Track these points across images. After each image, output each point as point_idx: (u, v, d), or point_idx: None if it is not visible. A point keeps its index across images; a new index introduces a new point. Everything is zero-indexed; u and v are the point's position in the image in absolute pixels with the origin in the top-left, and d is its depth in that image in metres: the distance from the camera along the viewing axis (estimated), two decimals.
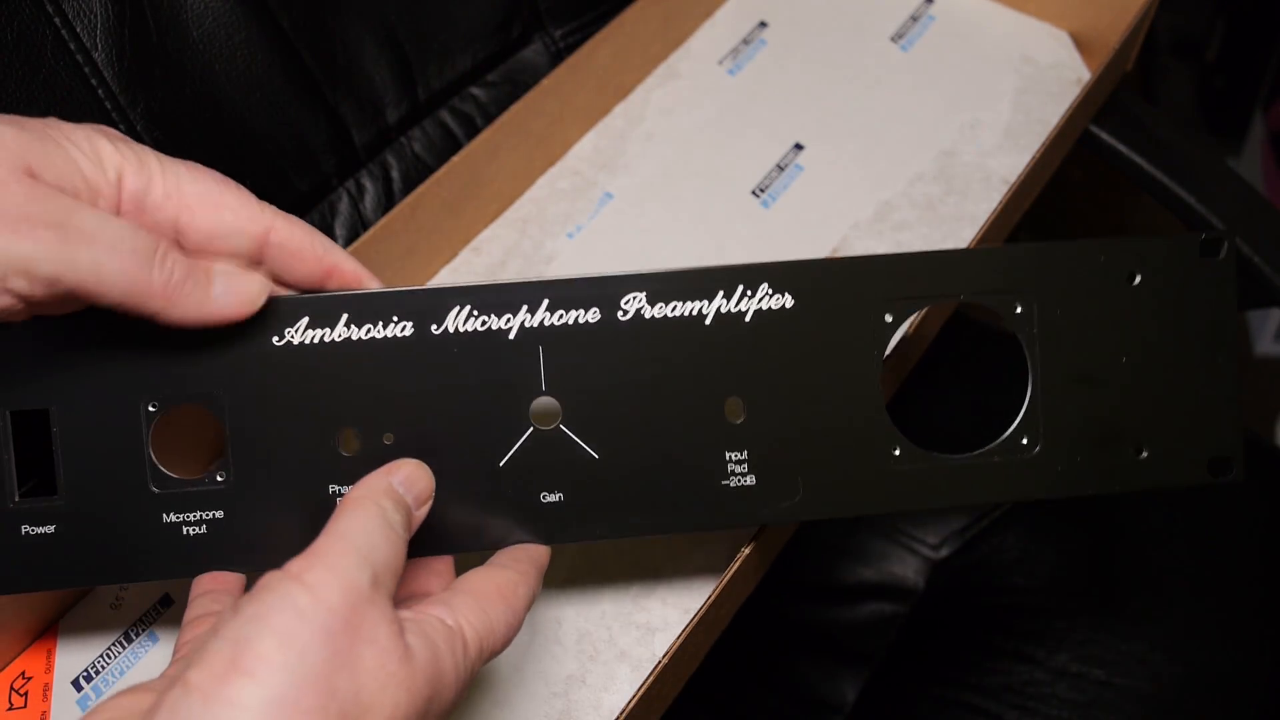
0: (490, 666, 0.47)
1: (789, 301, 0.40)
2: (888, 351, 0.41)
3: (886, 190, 0.62)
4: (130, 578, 0.39)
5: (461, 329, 0.39)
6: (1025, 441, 0.42)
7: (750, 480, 0.40)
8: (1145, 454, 0.42)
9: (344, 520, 0.33)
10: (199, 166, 0.36)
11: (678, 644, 0.45)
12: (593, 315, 0.40)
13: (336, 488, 0.39)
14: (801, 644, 0.72)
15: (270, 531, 0.39)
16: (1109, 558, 0.69)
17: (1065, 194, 1.42)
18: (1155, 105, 1.43)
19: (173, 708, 0.28)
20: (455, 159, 0.56)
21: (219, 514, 0.39)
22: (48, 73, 0.51)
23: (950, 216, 0.61)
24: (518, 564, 0.38)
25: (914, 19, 0.71)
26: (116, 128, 0.52)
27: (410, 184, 0.63)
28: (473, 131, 0.65)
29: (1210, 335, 0.43)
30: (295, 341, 0.38)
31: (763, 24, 0.71)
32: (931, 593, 0.72)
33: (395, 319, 0.39)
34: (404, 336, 0.39)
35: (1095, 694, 0.64)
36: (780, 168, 0.63)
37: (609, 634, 0.48)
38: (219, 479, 0.38)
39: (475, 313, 0.39)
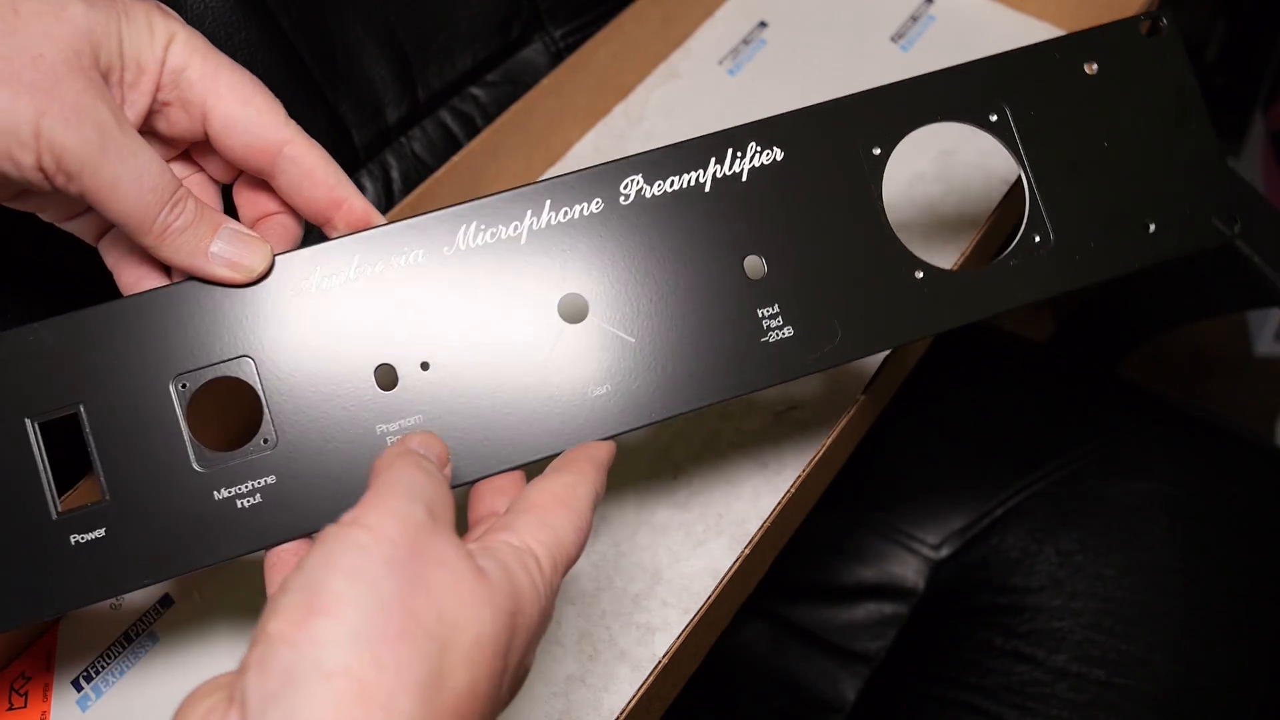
0: None
1: (779, 154, 0.41)
2: (884, 187, 0.42)
3: (886, 190, 0.62)
4: (192, 565, 0.37)
5: (473, 244, 0.39)
6: (1038, 239, 0.43)
7: (788, 331, 0.40)
8: (1153, 227, 0.44)
9: (383, 474, 0.33)
10: (241, 67, 0.37)
11: (678, 644, 0.45)
12: (596, 206, 0.40)
13: (384, 426, 0.38)
14: (801, 644, 0.72)
15: (326, 484, 0.38)
16: (1109, 558, 0.69)
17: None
18: None
19: (261, 661, 0.27)
20: (455, 159, 0.56)
21: (271, 479, 0.38)
22: None
23: (950, 216, 0.61)
24: (574, 464, 0.37)
25: (914, 19, 0.71)
26: None
27: (410, 184, 0.63)
28: (473, 131, 0.65)
29: (1177, 105, 0.45)
30: (313, 289, 0.38)
31: (763, 24, 0.71)
32: (931, 593, 0.72)
33: (406, 249, 0.39)
34: (417, 264, 0.39)
35: (1095, 694, 0.64)
36: None
37: (609, 634, 0.48)
38: (264, 443, 0.38)
39: (482, 227, 0.39)
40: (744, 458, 0.53)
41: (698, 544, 0.50)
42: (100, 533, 0.36)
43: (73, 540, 0.36)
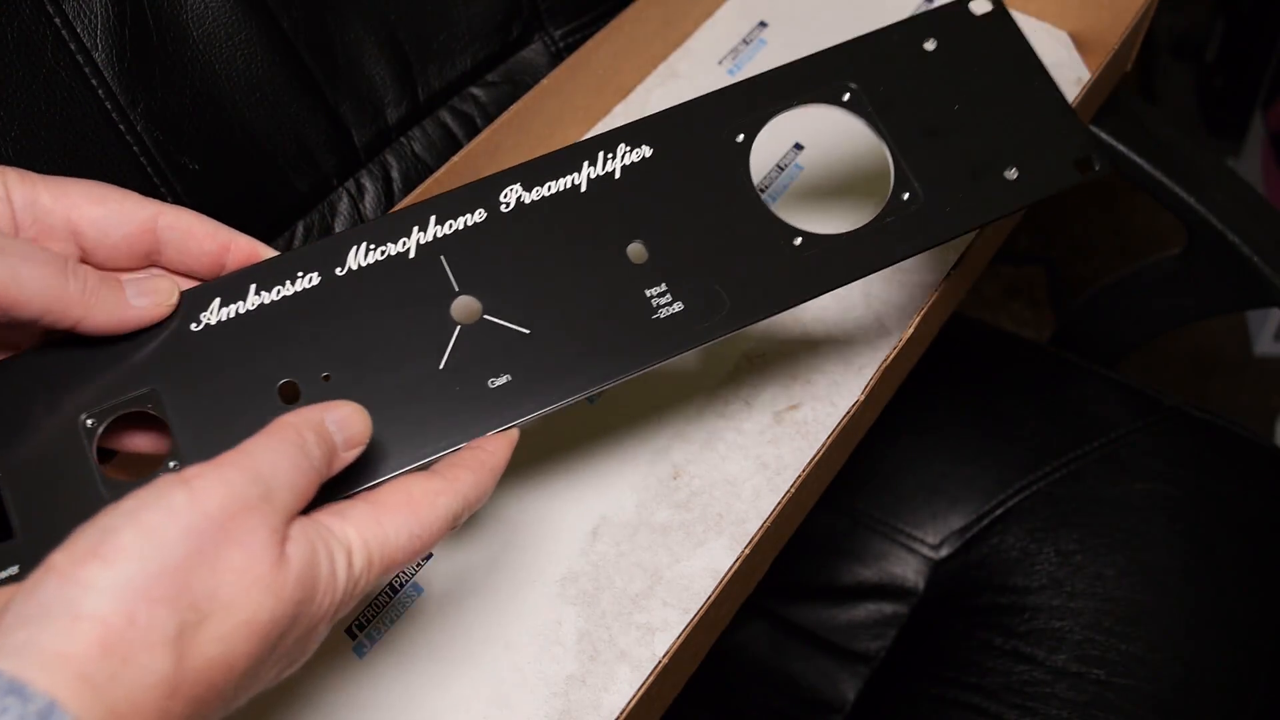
0: (490, 666, 0.47)
1: (648, 151, 0.44)
2: (753, 171, 0.45)
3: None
4: None
5: (364, 263, 0.41)
6: (907, 197, 0.46)
7: (678, 306, 0.42)
8: (1015, 173, 0.47)
9: (256, 440, 0.33)
10: (80, 179, 0.38)
11: (678, 644, 0.45)
12: (479, 215, 0.42)
13: None
14: (801, 644, 0.72)
15: None
16: (1109, 558, 0.69)
17: (1065, 194, 1.42)
18: (1155, 105, 1.43)
19: (32, 587, 0.28)
20: (455, 159, 0.56)
21: None
22: (48, 72, 0.51)
23: None
24: (452, 469, 0.38)
25: None
26: (116, 128, 0.52)
27: (410, 184, 0.63)
28: (473, 131, 0.65)
29: (1018, 67, 0.49)
30: (213, 322, 0.39)
31: (762, 24, 0.71)
32: (931, 593, 0.72)
33: (300, 274, 0.40)
34: (314, 286, 0.40)
35: (1095, 694, 0.64)
36: (780, 167, 0.63)
37: (609, 634, 0.48)
38: (170, 466, 0.38)
39: (371, 246, 0.41)
40: (744, 458, 0.53)
41: (698, 544, 0.50)
42: (14, 570, 0.36)
43: None
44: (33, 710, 0.26)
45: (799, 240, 0.44)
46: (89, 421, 0.38)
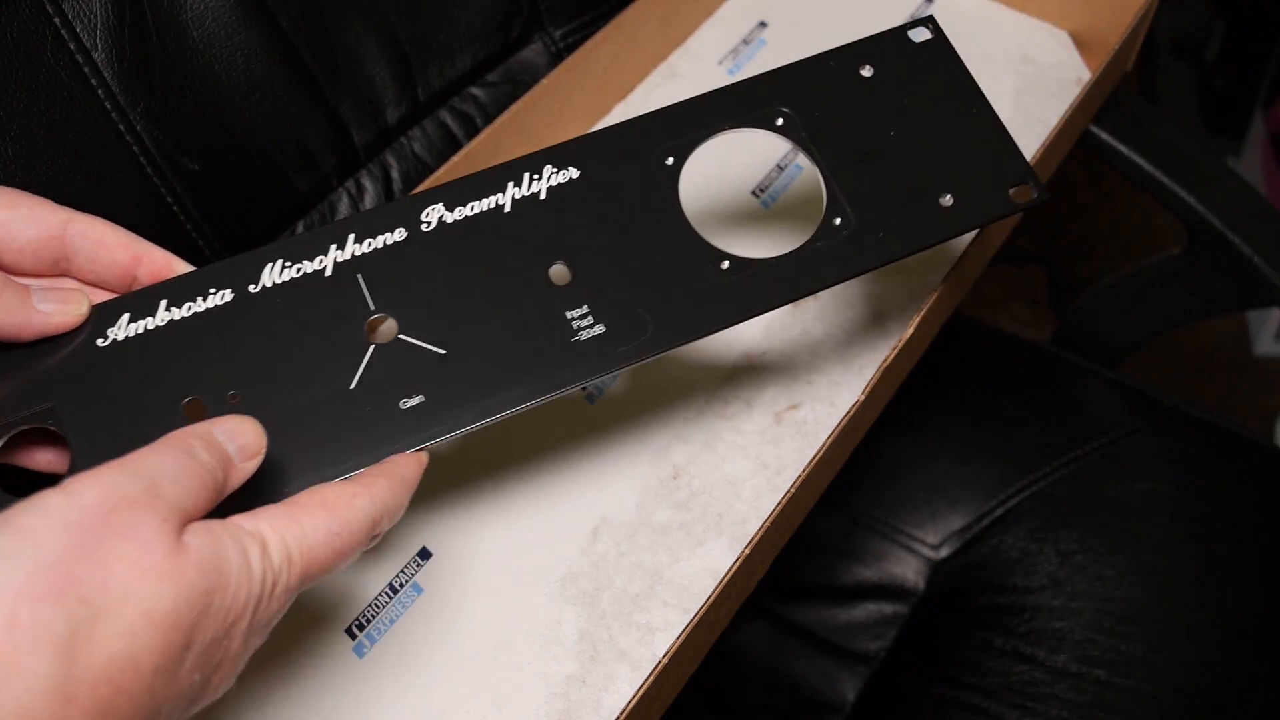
0: (490, 666, 0.47)
1: (575, 173, 0.44)
2: (681, 191, 0.44)
3: None
4: None
5: (279, 281, 0.40)
6: (839, 222, 0.45)
7: (599, 329, 0.41)
8: (950, 200, 0.46)
9: (139, 452, 0.32)
10: None
11: (678, 644, 0.45)
12: (399, 234, 0.41)
13: None
14: (801, 644, 0.72)
15: None
16: (1109, 558, 0.69)
17: (1065, 194, 1.43)
18: (1155, 105, 1.43)
19: None
20: (455, 159, 0.56)
21: None
22: (47, 72, 0.51)
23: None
24: (367, 478, 0.37)
25: (914, 19, 0.71)
26: (116, 128, 0.52)
27: (410, 184, 0.63)
28: (473, 131, 0.65)
29: (956, 94, 0.48)
30: (120, 338, 0.38)
31: (762, 24, 0.71)
32: (931, 593, 0.72)
33: (213, 290, 0.39)
34: (226, 303, 0.39)
35: (1095, 694, 0.64)
36: (780, 167, 0.63)
37: (609, 634, 0.48)
38: None
39: (288, 264, 0.40)
40: (744, 458, 0.53)
41: (698, 544, 0.50)
42: None
43: None
44: None
45: (726, 264, 0.43)
46: None
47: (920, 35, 0.49)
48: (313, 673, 0.47)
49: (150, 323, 0.39)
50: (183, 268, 0.39)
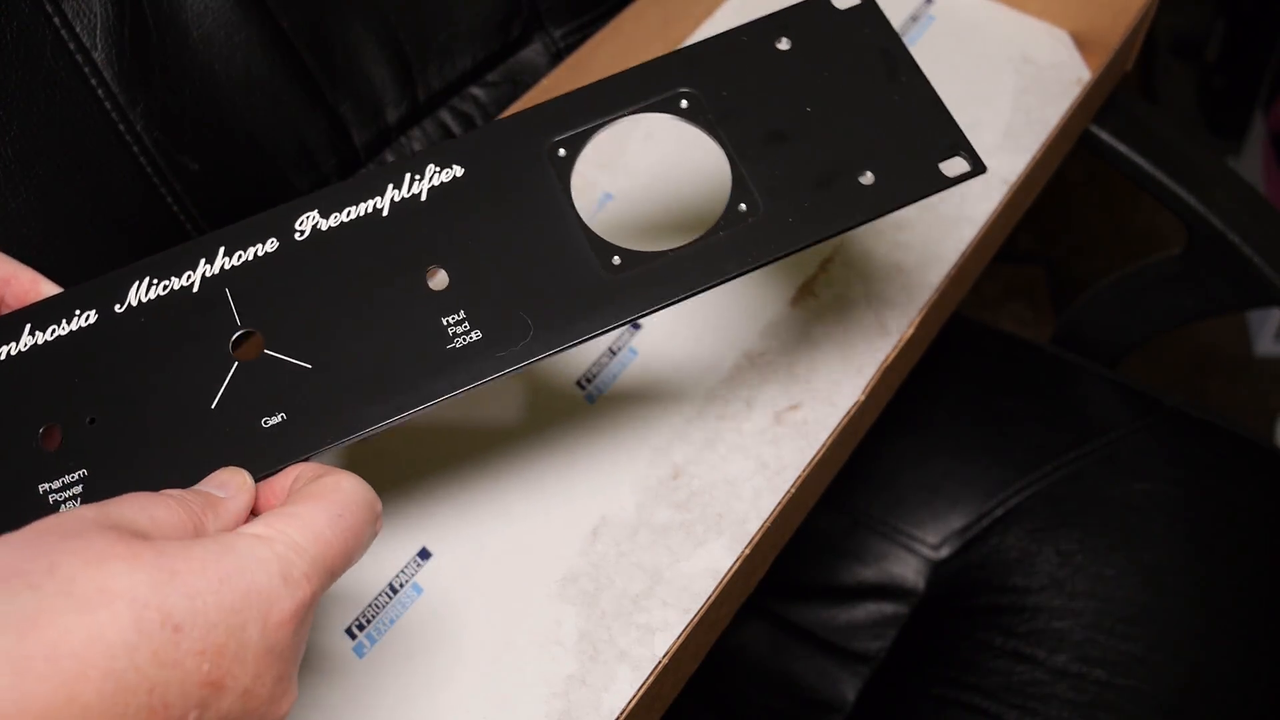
0: (490, 666, 0.47)
1: (459, 171, 0.41)
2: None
3: None
4: None
5: (145, 299, 0.39)
6: (744, 208, 0.42)
7: (476, 335, 0.39)
8: (870, 177, 0.42)
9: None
10: None
11: (678, 644, 0.45)
12: (270, 245, 0.40)
13: (46, 486, 0.37)
14: (801, 644, 0.72)
15: None
16: (1109, 558, 0.69)
17: (1065, 194, 1.43)
18: (1155, 105, 1.43)
19: None
20: None
21: None
22: (47, 72, 0.51)
23: (950, 216, 0.61)
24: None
25: (914, 19, 0.71)
26: (116, 128, 0.52)
27: None
28: None
29: (884, 64, 0.44)
30: None
31: None
32: (931, 593, 0.72)
33: (77, 311, 0.38)
34: (90, 325, 0.38)
35: (1095, 694, 0.64)
36: None
37: (609, 634, 0.48)
38: None
39: (154, 281, 0.39)
40: (744, 458, 0.53)
41: (698, 544, 0.50)
42: None
43: None
44: None
45: (617, 259, 0.41)
46: None
47: (846, 2, 0.45)
48: (313, 673, 0.47)
49: (13, 348, 0.37)
50: (50, 289, 0.38)
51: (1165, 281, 0.79)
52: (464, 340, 0.39)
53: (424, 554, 0.50)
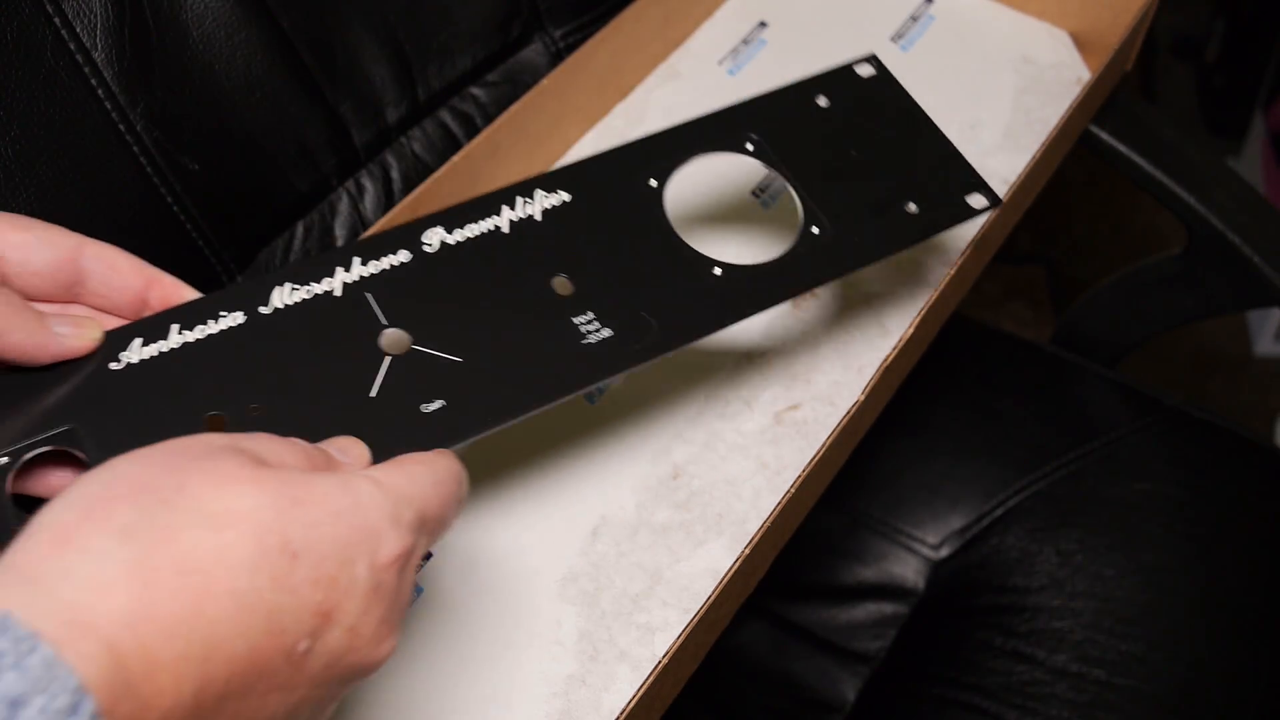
0: (490, 666, 0.47)
1: (566, 196, 0.46)
2: (668, 208, 0.48)
3: None
4: None
5: (289, 302, 0.41)
6: (817, 231, 0.49)
7: (606, 332, 0.43)
8: (915, 209, 0.50)
9: None
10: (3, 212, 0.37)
11: (678, 644, 0.45)
12: (403, 256, 0.43)
13: None
14: (801, 644, 0.72)
15: None
16: (1109, 558, 0.69)
17: (1065, 194, 1.42)
18: (1155, 105, 1.43)
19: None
20: (456, 158, 0.56)
21: None
22: (47, 72, 0.51)
23: None
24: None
25: (914, 19, 0.71)
26: (116, 128, 0.52)
27: (410, 184, 0.63)
28: (473, 132, 0.65)
29: (906, 121, 0.53)
30: (134, 360, 0.39)
31: (763, 24, 0.71)
32: (931, 593, 0.72)
33: (224, 313, 0.40)
34: (238, 325, 0.40)
35: (1095, 694, 0.64)
36: None
37: (609, 634, 0.48)
38: None
39: (296, 286, 0.41)
40: (744, 458, 0.53)
41: (698, 544, 0.50)
42: None
43: None
44: None
45: (718, 270, 0.47)
46: (3, 459, 0.36)
47: (865, 71, 0.54)
48: None
49: (163, 345, 0.39)
50: (191, 294, 0.40)
51: (1165, 281, 0.79)
52: (596, 337, 0.43)
53: (424, 554, 0.50)
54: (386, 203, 0.63)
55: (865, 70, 0.54)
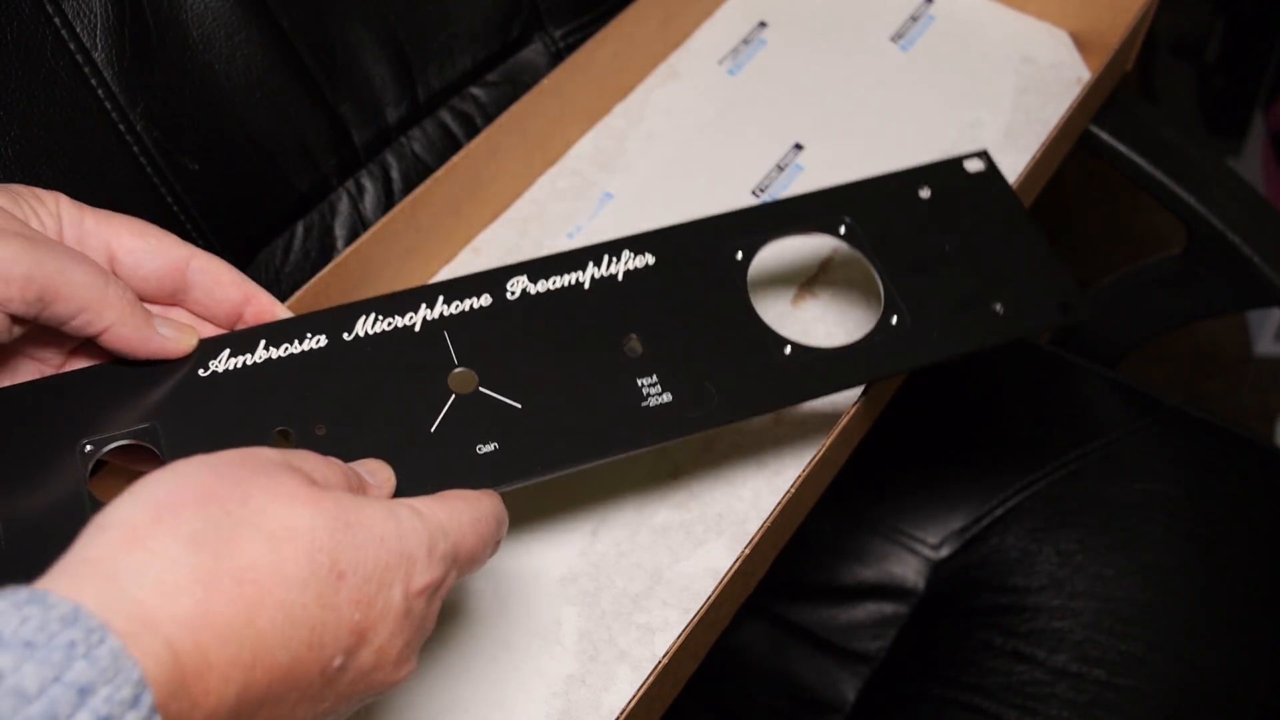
0: (490, 666, 0.47)
1: (651, 259, 0.47)
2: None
3: None
4: None
5: (371, 332, 0.43)
6: (895, 322, 0.48)
7: (667, 397, 0.44)
8: (1001, 309, 0.49)
9: None
10: (124, 215, 0.40)
11: (678, 644, 0.45)
12: (485, 300, 0.45)
13: None
14: (801, 644, 0.72)
15: None
16: (1109, 558, 0.69)
17: (1065, 194, 1.43)
18: (1155, 105, 1.43)
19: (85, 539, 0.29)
20: (456, 158, 0.56)
21: None
22: (48, 73, 0.51)
23: None
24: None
25: (914, 19, 0.71)
26: (116, 128, 0.52)
27: (410, 184, 0.63)
28: (473, 132, 0.65)
29: (1007, 220, 0.52)
30: (220, 370, 0.41)
31: (762, 24, 0.71)
32: (931, 593, 0.72)
33: (309, 335, 0.42)
34: (320, 347, 0.42)
35: (1095, 694, 0.64)
36: (780, 168, 0.63)
37: (609, 634, 0.48)
38: None
39: (380, 317, 0.43)
40: (744, 458, 0.53)
41: (698, 544, 0.50)
42: None
43: None
44: (55, 616, 0.26)
45: (788, 349, 0.47)
46: (88, 447, 0.39)
47: (974, 166, 0.53)
48: None
49: (249, 358, 0.41)
50: (284, 312, 0.42)
51: (1165, 281, 0.79)
52: (656, 400, 0.44)
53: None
54: (386, 203, 0.63)
55: (974, 165, 0.53)
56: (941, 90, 0.67)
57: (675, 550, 0.50)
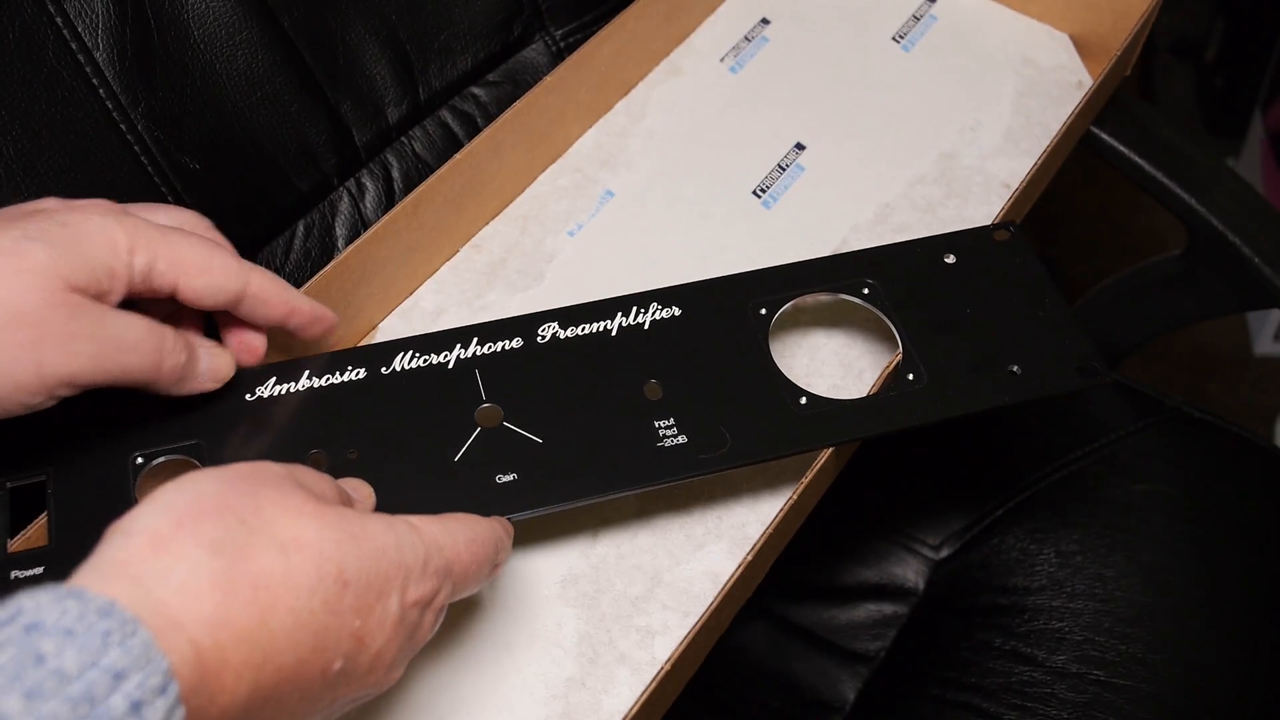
0: (490, 668, 0.47)
1: (677, 311, 0.50)
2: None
3: (887, 192, 0.62)
4: None
5: (407, 367, 0.47)
6: (911, 377, 0.50)
7: (682, 439, 0.46)
8: (1018, 370, 0.50)
9: None
10: (190, 233, 0.41)
11: (679, 650, 0.45)
12: (516, 342, 0.48)
13: None
14: (801, 644, 0.72)
15: None
16: (1109, 558, 0.69)
17: (1065, 194, 1.42)
18: (1155, 105, 1.43)
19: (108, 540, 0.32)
20: (458, 156, 0.56)
21: None
22: (49, 72, 0.51)
23: (950, 219, 0.61)
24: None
25: (916, 18, 0.71)
26: (117, 127, 0.52)
27: (411, 184, 0.63)
28: (473, 131, 0.65)
29: (1030, 286, 0.53)
30: (265, 395, 0.45)
31: (765, 21, 0.70)
32: (931, 593, 0.72)
33: (350, 368, 0.46)
34: (359, 379, 0.46)
35: (1095, 694, 0.64)
36: (782, 168, 0.63)
37: (609, 637, 0.48)
38: None
39: (417, 354, 0.47)
40: None
41: (697, 547, 0.50)
42: (39, 570, 0.41)
43: (13, 575, 0.41)
44: (92, 608, 0.28)
45: (804, 399, 0.48)
46: (139, 459, 0.43)
47: (1001, 235, 0.55)
48: None
49: (293, 386, 0.46)
50: (325, 314, 0.46)
51: (1165, 282, 0.79)
52: (671, 442, 0.46)
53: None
54: (387, 202, 0.63)
55: (1001, 235, 0.55)
56: (942, 91, 0.67)
57: (675, 553, 0.50)
